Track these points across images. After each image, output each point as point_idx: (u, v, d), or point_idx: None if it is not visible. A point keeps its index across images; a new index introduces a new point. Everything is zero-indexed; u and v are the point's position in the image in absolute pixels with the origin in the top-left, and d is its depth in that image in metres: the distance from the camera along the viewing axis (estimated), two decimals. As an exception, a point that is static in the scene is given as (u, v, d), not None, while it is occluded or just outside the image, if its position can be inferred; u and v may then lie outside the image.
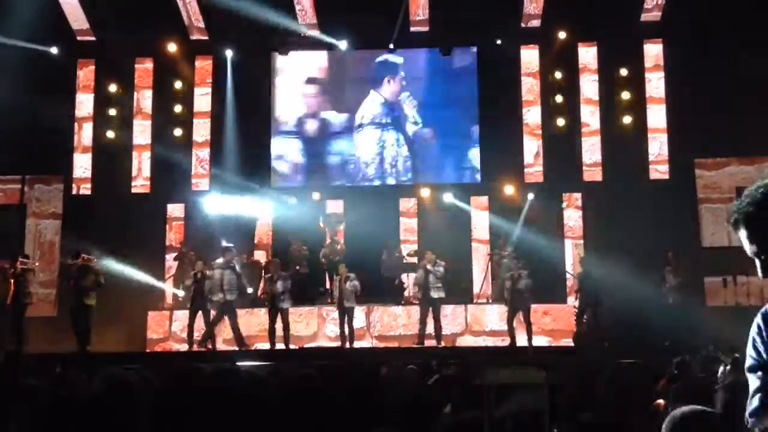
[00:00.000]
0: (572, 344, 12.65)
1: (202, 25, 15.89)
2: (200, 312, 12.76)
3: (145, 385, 3.20)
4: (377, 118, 16.05)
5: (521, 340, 12.48)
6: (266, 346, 12.73)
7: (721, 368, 6.38)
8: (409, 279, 14.43)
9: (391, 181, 16.07)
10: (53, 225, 15.89)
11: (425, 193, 15.59)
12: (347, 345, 12.62)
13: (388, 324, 13.92)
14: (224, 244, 13.32)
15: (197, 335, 12.78)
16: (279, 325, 12.57)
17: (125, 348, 13.83)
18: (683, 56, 15.03)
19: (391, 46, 15.59)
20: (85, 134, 16.18)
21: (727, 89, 14.20)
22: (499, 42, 15.49)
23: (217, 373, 3.72)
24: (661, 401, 5.12)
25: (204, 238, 14.95)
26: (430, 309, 12.77)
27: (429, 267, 12.73)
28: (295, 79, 16.27)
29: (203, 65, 16.31)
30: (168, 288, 14.91)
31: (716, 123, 14.33)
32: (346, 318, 12.76)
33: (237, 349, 12.59)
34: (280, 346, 12.56)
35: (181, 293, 14.19)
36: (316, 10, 15.58)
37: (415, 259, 14.48)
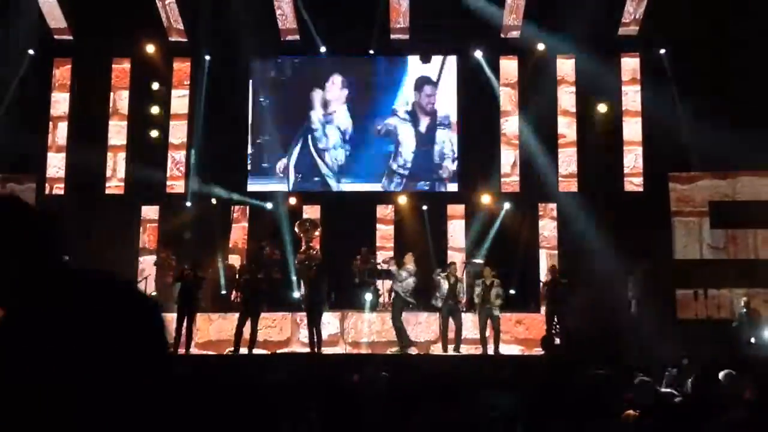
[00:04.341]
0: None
1: (181, 26, 15.81)
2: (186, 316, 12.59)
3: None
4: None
5: (491, 349, 12.54)
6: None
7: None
8: (383, 286, 14.42)
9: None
10: (25, 224, 15.65)
11: (402, 200, 15.63)
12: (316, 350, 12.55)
13: (361, 330, 13.89)
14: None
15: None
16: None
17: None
18: (659, 70, 15.20)
19: (371, 52, 15.64)
20: (59, 134, 16.01)
21: (703, 104, 14.36)
22: (478, 54, 15.58)
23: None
24: (631, 411, 5.16)
25: (179, 242, 14.85)
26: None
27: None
28: (273, 81, 16.24)
29: (181, 67, 16.22)
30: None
31: (691, 137, 14.51)
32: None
33: (213, 353, 12.49)
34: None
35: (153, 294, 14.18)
36: (296, 15, 15.56)
37: (388, 266, 14.46)
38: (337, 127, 16.12)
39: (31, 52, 15.40)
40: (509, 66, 16.08)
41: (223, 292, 14.10)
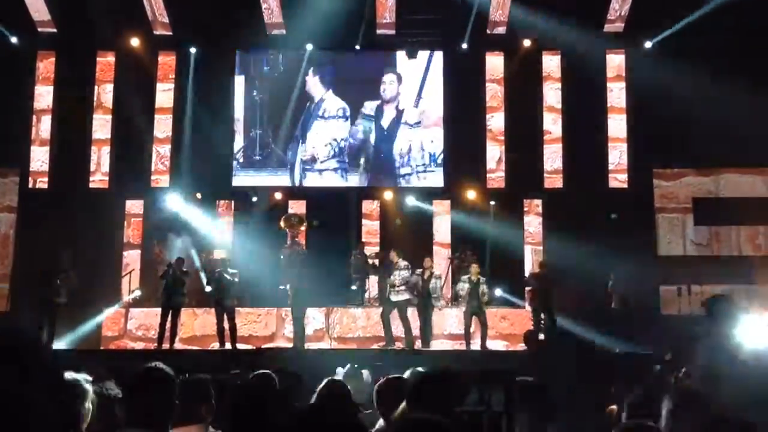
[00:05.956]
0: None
1: (166, 20, 15.70)
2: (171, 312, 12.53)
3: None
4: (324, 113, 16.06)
5: (476, 345, 12.56)
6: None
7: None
8: (370, 281, 14.42)
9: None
10: (8, 218, 15.57)
11: (388, 196, 15.62)
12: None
13: (347, 326, 13.90)
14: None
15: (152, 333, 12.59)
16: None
17: (79, 345, 13.54)
18: (644, 67, 15.26)
19: (357, 47, 15.60)
20: (43, 127, 15.88)
21: (687, 101, 14.43)
22: (464, 46, 15.57)
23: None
24: (613, 407, 5.18)
25: (164, 236, 14.81)
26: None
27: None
28: (257, 76, 16.16)
29: (166, 61, 16.11)
30: (125, 285, 14.74)
31: (675, 134, 14.58)
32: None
33: (196, 348, 12.45)
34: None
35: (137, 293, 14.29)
36: (282, 9, 15.49)
37: (377, 262, 14.46)
38: (323, 120, 16.04)
39: (14, 40, 15.25)
40: (495, 62, 16.09)
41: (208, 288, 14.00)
